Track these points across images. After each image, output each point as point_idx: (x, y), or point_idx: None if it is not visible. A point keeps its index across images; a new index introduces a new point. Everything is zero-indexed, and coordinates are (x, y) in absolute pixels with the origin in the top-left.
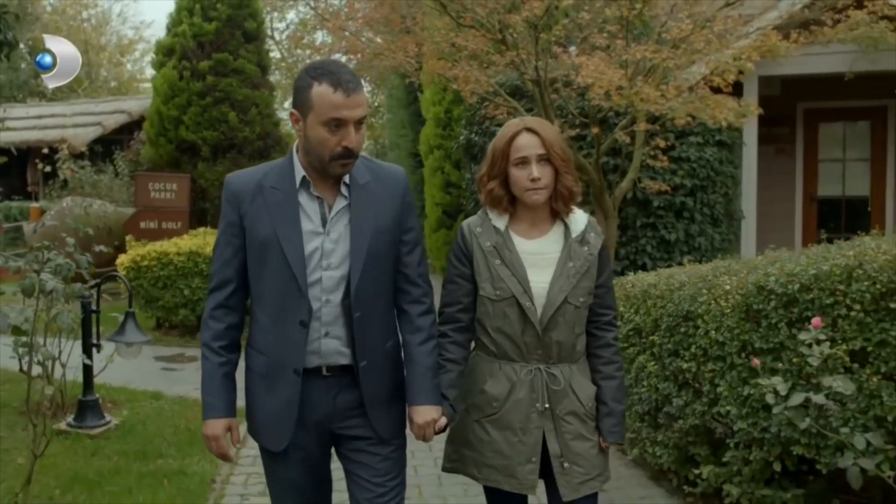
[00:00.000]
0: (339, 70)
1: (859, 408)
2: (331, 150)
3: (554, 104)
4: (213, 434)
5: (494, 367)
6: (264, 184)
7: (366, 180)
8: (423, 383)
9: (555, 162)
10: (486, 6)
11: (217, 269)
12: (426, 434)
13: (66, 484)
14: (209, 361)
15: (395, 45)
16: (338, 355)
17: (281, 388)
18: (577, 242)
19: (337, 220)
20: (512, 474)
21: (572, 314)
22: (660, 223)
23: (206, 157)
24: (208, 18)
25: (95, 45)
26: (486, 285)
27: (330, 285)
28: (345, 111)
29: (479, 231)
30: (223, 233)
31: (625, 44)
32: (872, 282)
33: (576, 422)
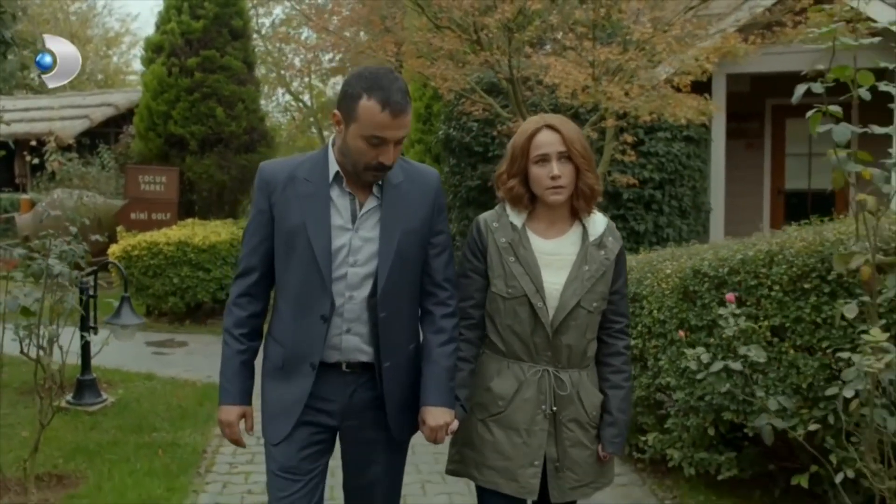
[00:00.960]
0: (392, 86)
1: (779, 376)
2: (366, 162)
3: (528, 101)
4: (227, 420)
5: (502, 366)
6: (297, 174)
7: (399, 180)
8: (440, 384)
9: (576, 160)
10: (462, 8)
11: (244, 256)
12: (438, 437)
13: (68, 454)
14: (229, 347)
15: (376, 45)
16: (358, 353)
17: (294, 380)
18: (594, 246)
19: (367, 217)
20: (513, 478)
21: (585, 319)
22: (629, 215)
23: (194, 150)
24: (196, 16)
25: (82, 38)
26: (498, 282)
27: (354, 282)
28: (388, 132)
29: (495, 226)
30: (253, 220)
31: (592, 45)
32: (790, 265)
33: (577, 430)
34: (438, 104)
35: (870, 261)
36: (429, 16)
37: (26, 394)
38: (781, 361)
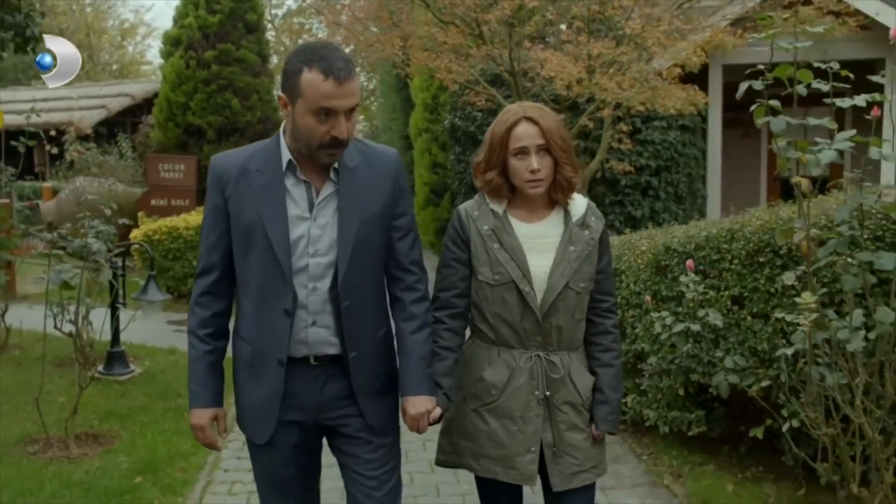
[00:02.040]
0: (332, 56)
1: (738, 340)
2: (319, 138)
3: (529, 91)
4: (199, 424)
5: (493, 355)
6: (249, 166)
7: (356, 164)
8: (416, 373)
9: (554, 153)
10: (464, 5)
11: (202, 254)
12: (420, 425)
13: (102, 417)
14: (195, 349)
15: (384, 39)
16: (326, 345)
17: (265, 378)
18: (577, 226)
19: (325, 205)
20: (511, 465)
21: (573, 300)
22: (627, 200)
23: (212, 139)
24: (212, 11)
25: (97, 29)
26: (484, 269)
27: (317, 273)
28: (335, 101)
29: (476, 215)
30: (208, 216)
31: (587, 39)
32: (747, 241)
33: (571, 412)
34: (444, 95)
35: (808, 235)
36: (434, 12)
37: (60, 366)
38: (740, 327)
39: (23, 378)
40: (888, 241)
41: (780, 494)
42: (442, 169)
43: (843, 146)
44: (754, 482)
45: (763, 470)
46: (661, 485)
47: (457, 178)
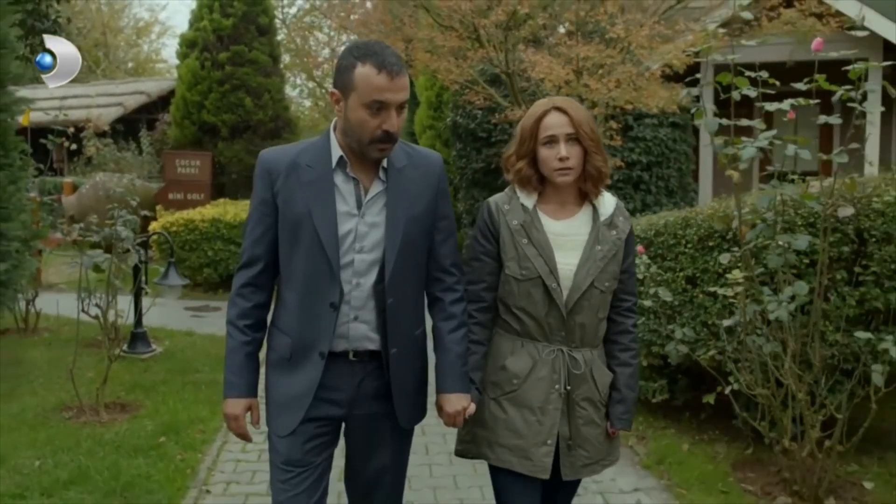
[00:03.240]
0: (384, 51)
1: (691, 315)
2: (371, 132)
3: (526, 91)
4: (233, 413)
5: (516, 345)
6: (299, 161)
7: (403, 164)
8: (454, 370)
9: (584, 142)
10: (461, 11)
11: (247, 247)
12: (457, 422)
13: (128, 389)
14: (233, 339)
15: (388, 41)
16: (366, 340)
17: (303, 370)
18: (605, 226)
19: (373, 203)
20: (526, 456)
21: (598, 298)
22: (619, 194)
23: (225, 136)
24: (226, 15)
25: (113, 28)
26: (511, 264)
27: (361, 269)
28: (388, 94)
29: (506, 209)
30: (255, 210)
31: (577, 43)
32: (699, 228)
33: (590, 408)
34: (447, 93)
35: (740, 222)
36: (434, 17)
37: (87, 346)
38: (693, 303)
39: (54, 356)
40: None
41: (730, 453)
42: (445, 164)
43: (763, 144)
44: (708, 443)
45: (719, 433)
46: (626, 445)
47: (458, 173)
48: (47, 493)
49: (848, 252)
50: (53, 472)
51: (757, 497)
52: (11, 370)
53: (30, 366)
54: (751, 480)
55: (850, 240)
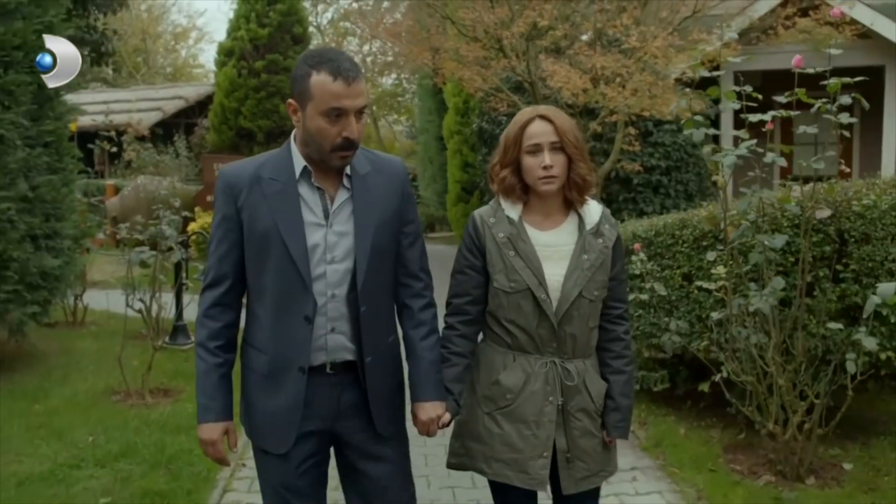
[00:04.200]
0: (339, 58)
1: (687, 309)
2: (331, 140)
3: (549, 98)
4: (210, 439)
5: (509, 359)
6: (262, 174)
7: (366, 171)
8: (427, 378)
9: (568, 150)
10: (484, 24)
11: (212, 265)
12: (430, 430)
13: (170, 376)
14: (204, 362)
15: (416, 51)
16: (344, 351)
17: (285, 387)
18: (591, 234)
19: (339, 211)
20: (523, 469)
21: (587, 308)
22: (639, 198)
23: (261, 141)
24: (262, 25)
25: (152, 34)
26: (499, 277)
27: (335, 279)
28: (345, 101)
29: (491, 221)
30: (218, 227)
31: (593, 52)
32: (694, 228)
33: (585, 419)
34: (474, 100)
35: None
36: (459, 29)
37: (131, 338)
38: (689, 298)
39: (101, 347)
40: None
41: (723, 437)
42: (472, 168)
43: (742, 152)
44: (704, 429)
45: (716, 420)
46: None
47: (484, 177)
48: (101, 464)
49: (830, 251)
50: (105, 446)
51: (743, 476)
52: (63, 359)
53: (79, 355)
54: (740, 462)
55: (832, 240)
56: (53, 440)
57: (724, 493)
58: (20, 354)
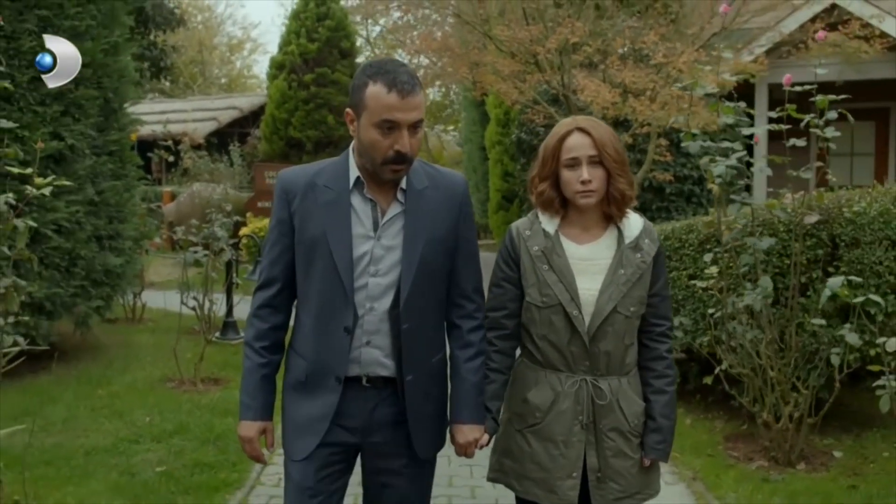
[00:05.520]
0: (396, 70)
1: (692, 307)
2: (383, 153)
3: (585, 109)
4: (247, 436)
5: (539, 376)
6: (317, 181)
7: (423, 186)
8: (468, 400)
9: (607, 164)
10: (519, 41)
11: (265, 267)
12: (468, 452)
13: (220, 367)
14: (250, 360)
15: (455, 65)
16: (378, 366)
17: (320, 394)
18: (630, 249)
19: (390, 225)
20: (552, 489)
21: (622, 324)
22: (672, 206)
23: (310, 151)
24: (312, 39)
25: (208, 45)
26: (532, 291)
27: (376, 293)
28: (398, 113)
29: (527, 234)
30: (272, 230)
31: (623, 67)
32: (698, 233)
33: (619, 438)
34: (514, 111)
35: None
36: (497, 44)
37: (185, 333)
38: (695, 297)
39: (157, 340)
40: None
41: (726, 428)
42: (511, 177)
43: (733, 163)
44: (710, 420)
45: (721, 413)
46: None
47: (523, 186)
48: (156, 440)
49: (823, 254)
50: (161, 425)
51: (738, 461)
52: (123, 351)
53: (138, 348)
54: (738, 449)
55: (825, 244)
56: (115, 419)
57: (717, 474)
58: (85, 346)
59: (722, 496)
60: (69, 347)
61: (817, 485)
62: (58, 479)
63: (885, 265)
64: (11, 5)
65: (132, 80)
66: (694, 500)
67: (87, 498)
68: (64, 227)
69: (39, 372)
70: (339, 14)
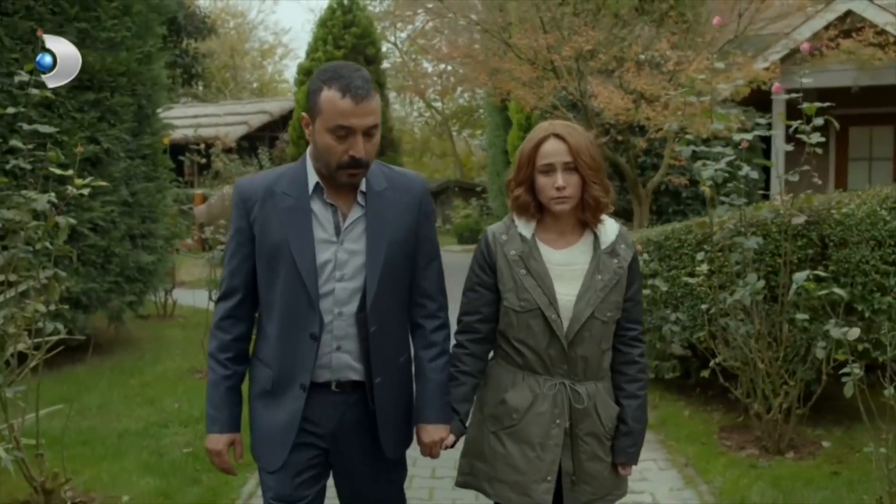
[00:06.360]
0: (351, 75)
1: (691, 304)
2: (338, 158)
3: (601, 115)
4: (215, 449)
5: (517, 378)
6: (276, 188)
7: (382, 188)
8: (433, 400)
9: (582, 171)
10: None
11: (225, 278)
12: (433, 452)
13: None
14: (214, 373)
15: (475, 72)
16: (349, 370)
17: (284, 403)
18: (606, 254)
19: (352, 229)
20: (526, 493)
21: (599, 329)
22: (688, 209)
23: None
24: (338, 46)
25: (240, 51)
26: (510, 296)
27: (343, 297)
28: (353, 119)
29: (504, 239)
30: (232, 240)
31: (639, 75)
32: (695, 235)
33: (594, 443)
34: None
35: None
36: (516, 53)
37: None
38: (693, 295)
39: (187, 335)
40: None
41: (722, 419)
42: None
43: (722, 166)
44: (708, 412)
45: (720, 406)
46: None
47: None
48: (184, 424)
49: (813, 253)
50: (188, 411)
51: (730, 449)
52: (154, 344)
53: (168, 342)
54: (731, 439)
55: (815, 244)
56: (146, 406)
57: (708, 460)
58: (119, 340)
59: (710, 480)
60: (104, 341)
61: (802, 471)
62: (93, 458)
63: (871, 264)
64: (53, 18)
65: (165, 87)
66: (684, 483)
67: (119, 474)
68: (99, 226)
69: (76, 363)
70: (365, 22)
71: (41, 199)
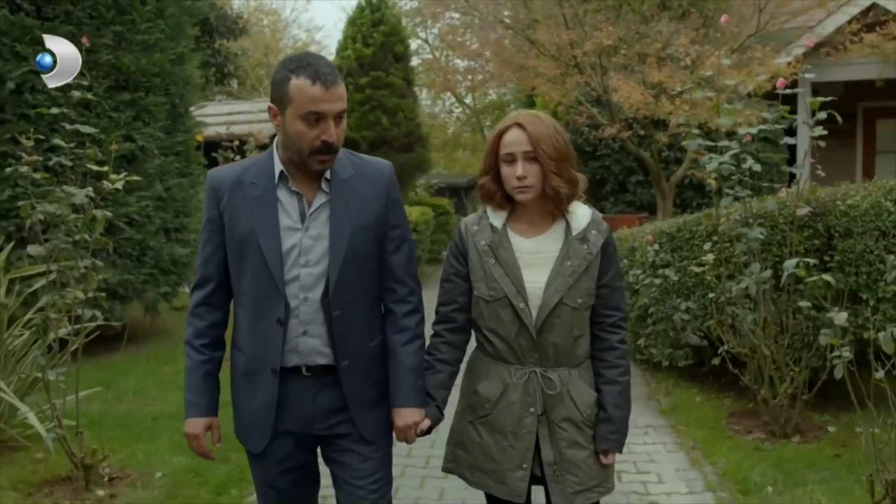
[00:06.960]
0: (318, 62)
1: (701, 294)
2: (309, 144)
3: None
4: (193, 433)
5: (490, 368)
6: (244, 179)
7: (348, 175)
8: (406, 384)
9: (542, 160)
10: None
11: (199, 266)
12: (408, 436)
13: None
14: (190, 359)
15: (500, 70)
16: (317, 355)
17: (260, 387)
18: (577, 240)
19: (316, 215)
20: (502, 480)
21: (569, 315)
22: (712, 203)
23: (365, 150)
24: (367, 45)
25: (274, 48)
26: (479, 285)
27: (308, 283)
28: (323, 105)
29: (475, 229)
30: (204, 229)
31: (660, 70)
32: (705, 226)
33: (572, 429)
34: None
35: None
36: (540, 49)
37: None
38: (704, 284)
39: None
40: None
41: (733, 405)
42: None
43: (726, 159)
44: (719, 399)
45: (732, 393)
46: (654, 399)
47: None
48: None
49: (819, 244)
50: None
51: (737, 433)
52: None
53: None
54: (739, 424)
55: (821, 234)
56: (179, 391)
57: (715, 443)
58: (154, 329)
59: (714, 462)
60: (139, 331)
61: (805, 454)
62: (128, 438)
63: (875, 254)
64: (91, 22)
65: (197, 86)
66: (689, 465)
67: (153, 453)
68: (135, 220)
69: (113, 351)
70: (393, 20)
71: (80, 193)
